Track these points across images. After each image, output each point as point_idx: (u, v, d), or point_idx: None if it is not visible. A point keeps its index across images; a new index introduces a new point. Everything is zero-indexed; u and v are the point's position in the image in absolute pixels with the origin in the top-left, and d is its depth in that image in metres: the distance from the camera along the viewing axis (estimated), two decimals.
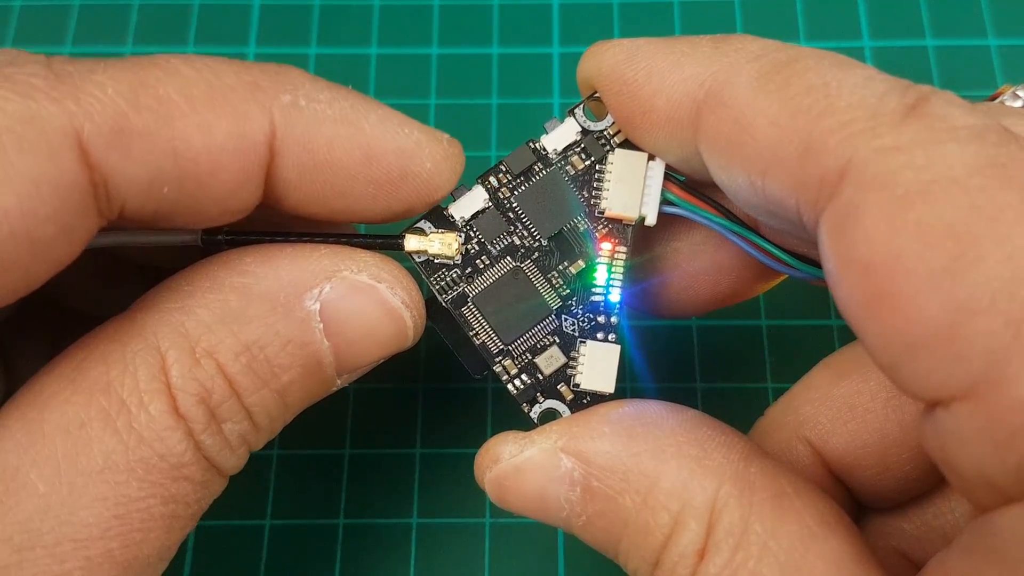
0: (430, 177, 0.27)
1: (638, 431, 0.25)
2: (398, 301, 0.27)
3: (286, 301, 0.25)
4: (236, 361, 0.24)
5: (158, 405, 0.23)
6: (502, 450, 0.26)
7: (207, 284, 0.25)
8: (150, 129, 0.23)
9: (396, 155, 0.27)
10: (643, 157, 0.28)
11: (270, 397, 0.25)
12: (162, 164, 0.24)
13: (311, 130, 0.26)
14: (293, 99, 0.26)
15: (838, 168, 0.21)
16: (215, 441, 0.24)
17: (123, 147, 0.23)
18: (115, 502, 0.23)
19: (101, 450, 0.23)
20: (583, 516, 0.25)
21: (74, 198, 0.22)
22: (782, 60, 0.23)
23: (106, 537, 0.22)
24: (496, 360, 0.28)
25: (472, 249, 0.28)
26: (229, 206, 0.26)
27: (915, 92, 0.21)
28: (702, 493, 0.23)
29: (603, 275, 0.28)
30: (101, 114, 0.23)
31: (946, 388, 0.19)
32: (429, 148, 0.27)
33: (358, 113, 0.26)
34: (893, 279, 0.19)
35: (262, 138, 0.25)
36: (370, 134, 0.26)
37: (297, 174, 0.26)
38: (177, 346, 0.24)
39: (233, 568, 0.36)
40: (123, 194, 0.24)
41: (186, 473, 0.24)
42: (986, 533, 0.20)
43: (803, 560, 0.22)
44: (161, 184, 0.24)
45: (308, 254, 0.26)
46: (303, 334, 0.25)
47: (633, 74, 0.26)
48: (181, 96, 0.24)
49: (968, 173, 0.19)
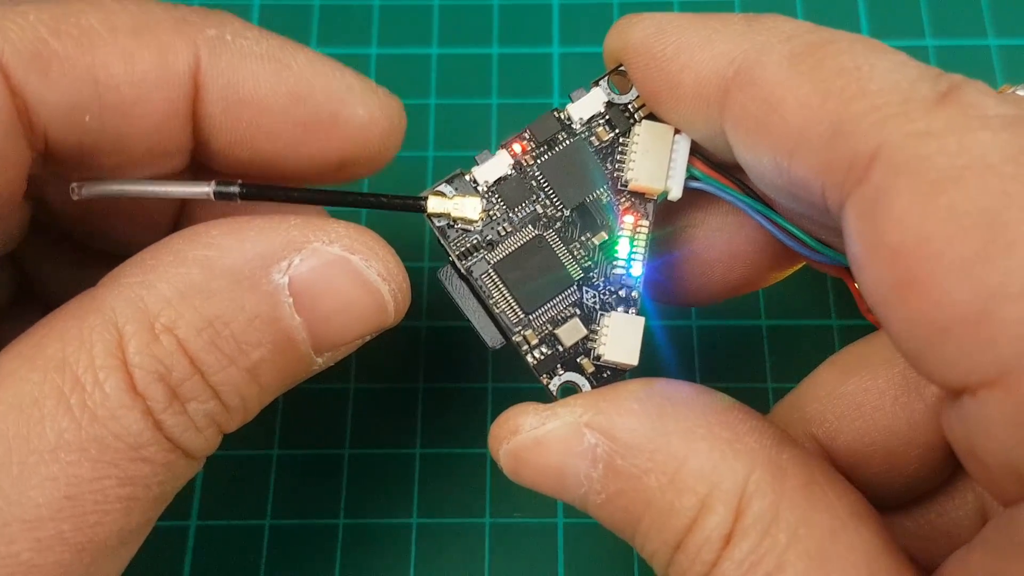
0: (363, 125, 0.26)
1: (668, 410, 0.24)
2: (373, 274, 0.26)
3: (252, 274, 0.24)
4: (198, 337, 0.23)
5: (113, 382, 0.22)
6: (522, 421, 0.25)
7: (170, 258, 0.24)
8: (69, 55, 0.23)
9: (325, 96, 0.26)
10: (670, 130, 0.27)
11: (239, 375, 0.24)
12: (82, 90, 0.24)
13: (236, 64, 0.25)
14: (219, 33, 0.25)
15: (869, 152, 0.20)
16: (178, 421, 0.23)
17: (42, 71, 0.23)
18: (66, 482, 0.22)
19: (53, 428, 0.22)
20: (603, 494, 0.24)
21: (2, 119, 0.23)
22: (814, 41, 0.23)
23: (57, 518, 0.22)
24: (515, 330, 0.27)
25: (494, 215, 0.28)
26: (156, 143, 0.25)
27: (947, 80, 0.21)
28: (732, 477, 0.23)
29: (625, 248, 0.28)
30: (20, 40, 0.23)
31: (974, 375, 0.19)
32: (362, 95, 0.26)
33: (286, 52, 0.26)
34: (923, 263, 0.19)
35: (185, 69, 0.25)
36: (298, 73, 0.26)
37: (221, 109, 0.25)
38: (135, 321, 0.23)
39: (233, 568, 0.36)
40: (44, 120, 0.24)
41: (145, 454, 0.23)
42: (1012, 527, 0.20)
43: (833, 549, 0.22)
44: (82, 112, 0.24)
45: (277, 225, 0.25)
46: (271, 309, 0.24)
47: (662, 48, 0.25)
48: (104, 26, 0.24)
49: (1001, 160, 0.19)
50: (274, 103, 0.26)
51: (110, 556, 0.23)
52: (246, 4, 0.46)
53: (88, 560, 0.23)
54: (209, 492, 0.37)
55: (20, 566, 0.22)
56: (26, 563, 0.22)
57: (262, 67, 0.26)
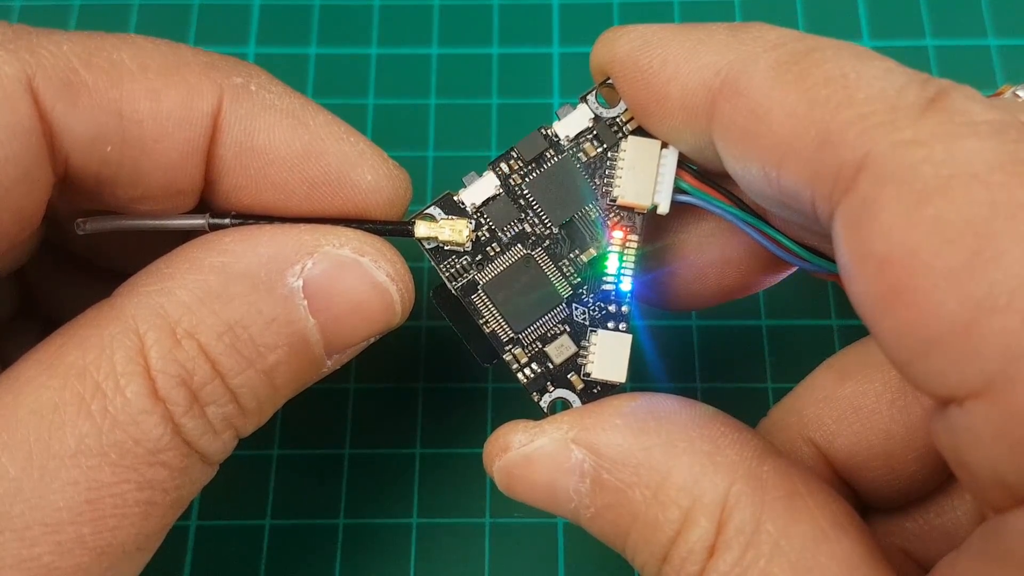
0: (369, 191, 0.27)
1: (650, 424, 0.25)
2: (383, 275, 0.26)
3: (267, 278, 0.25)
4: (219, 341, 0.24)
5: (135, 388, 0.23)
6: (512, 439, 0.26)
7: (186, 266, 0.25)
8: (98, 86, 0.24)
9: (336, 157, 0.27)
10: (656, 145, 0.27)
11: (256, 378, 0.25)
12: (106, 121, 0.24)
13: (255, 113, 0.26)
14: (244, 82, 0.26)
15: (855, 161, 0.20)
16: (197, 424, 0.24)
17: (70, 98, 0.24)
18: (87, 487, 0.22)
19: (74, 434, 0.22)
20: (592, 508, 0.25)
21: (31, 142, 0.23)
22: (800, 50, 0.23)
23: (77, 522, 0.22)
24: (506, 349, 0.28)
25: (483, 236, 0.28)
26: (172, 180, 0.26)
27: (935, 86, 0.21)
28: (713, 490, 0.23)
29: (614, 264, 0.28)
30: (53, 66, 0.24)
31: (961, 386, 0.19)
32: (372, 161, 0.27)
33: (306, 112, 0.27)
34: (910, 274, 0.19)
35: (208, 110, 0.25)
36: (313, 131, 0.26)
37: (234, 153, 0.26)
38: (156, 327, 0.24)
39: (233, 568, 0.36)
40: (67, 147, 0.24)
41: (163, 459, 0.23)
42: (998, 535, 0.20)
43: (814, 560, 0.22)
44: (105, 143, 0.24)
45: (288, 231, 0.26)
46: (287, 312, 0.25)
47: (648, 61, 0.25)
48: (134, 63, 0.25)
49: (988, 169, 0.19)
50: (286, 157, 0.26)
51: (128, 560, 0.24)
52: (246, 4, 0.46)
53: (107, 564, 0.23)
54: (209, 492, 0.37)
55: (41, 569, 0.22)
56: (47, 566, 0.22)
57: (280, 121, 0.26)
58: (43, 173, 0.24)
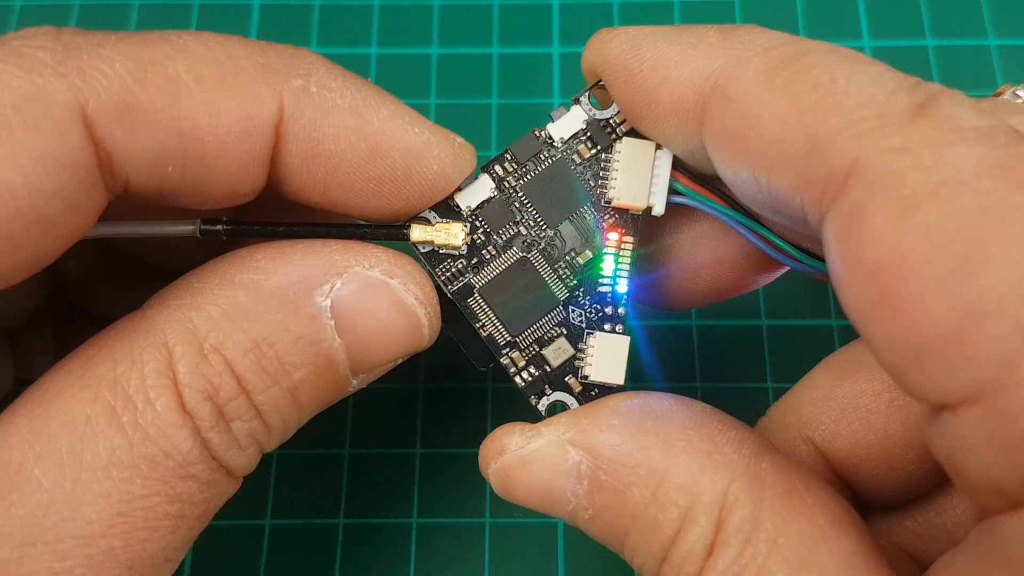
0: (436, 180, 0.27)
1: (648, 424, 0.25)
2: (411, 298, 0.26)
3: (296, 297, 0.25)
4: (245, 358, 0.24)
5: (164, 401, 0.23)
6: (508, 441, 0.26)
7: (217, 281, 0.25)
8: (156, 107, 0.23)
9: (403, 153, 0.26)
10: (651, 146, 0.27)
11: (281, 396, 0.25)
12: (166, 143, 0.23)
13: (319, 118, 0.25)
14: (305, 84, 0.25)
15: (844, 168, 0.20)
16: (223, 439, 0.24)
17: (127, 124, 0.23)
18: (119, 499, 0.22)
19: (106, 446, 0.22)
20: (589, 510, 0.25)
21: (80, 174, 0.22)
22: (790, 54, 0.22)
23: (109, 535, 0.22)
24: (503, 352, 0.28)
25: (478, 239, 0.28)
26: (235, 188, 0.25)
27: (924, 91, 0.21)
28: (712, 488, 0.23)
29: (610, 265, 0.28)
30: (107, 90, 0.23)
31: (953, 392, 0.19)
32: (438, 150, 0.27)
33: (369, 106, 0.26)
34: (900, 282, 0.19)
35: (269, 121, 0.25)
36: (378, 129, 0.26)
37: (300, 160, 0.26)
38: (184, 342, 0.24)
39: (233, 568, 0.36)
40: (127, 171, 0.23)
41: (192, 472, 0.23)
42: (992, 537, 0.20)
43: (813, 558, 0.22)
44: (165, 163, 0.24)
45: (319, 250, 0.26)
46: (314, 331, 0.25)
47: (638, 65, 0.25)
48: (190, 75, 0.24)
49: (977, 175, 0.19)
50: (352, 157, 0.26)
51: (155, 573, 0.24)
52: (246, 4, 0.46)
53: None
54: None
55: None
56: None
57: (344, 122, 0.26)
58: (93, 201, 0.23)
